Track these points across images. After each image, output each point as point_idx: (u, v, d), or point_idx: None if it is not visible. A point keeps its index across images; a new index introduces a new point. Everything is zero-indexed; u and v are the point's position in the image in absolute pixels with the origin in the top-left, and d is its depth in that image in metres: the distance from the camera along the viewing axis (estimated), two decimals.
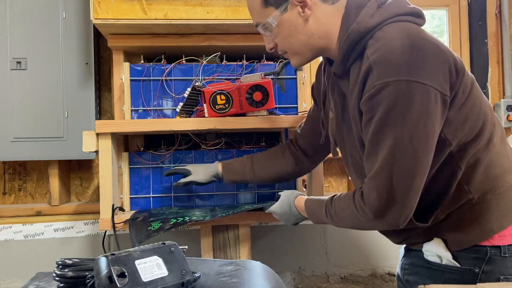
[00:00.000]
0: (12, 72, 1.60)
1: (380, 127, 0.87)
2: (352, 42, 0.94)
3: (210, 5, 1.40)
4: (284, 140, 1.61)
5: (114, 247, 1.69)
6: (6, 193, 1.79)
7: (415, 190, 0.88)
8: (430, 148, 0.88)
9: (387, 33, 0.89)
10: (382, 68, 0.86)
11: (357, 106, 0.93)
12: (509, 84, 1.99)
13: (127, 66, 1.48)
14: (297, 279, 1.82)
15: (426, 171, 0.89)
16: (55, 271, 0.79)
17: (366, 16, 0.93)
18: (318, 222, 1.12)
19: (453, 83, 0.88)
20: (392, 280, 1.84)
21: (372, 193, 0.90)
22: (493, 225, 0.93)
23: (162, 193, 1.49)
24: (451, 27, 2.03)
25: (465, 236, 0.94)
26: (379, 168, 0.89)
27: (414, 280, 1.03)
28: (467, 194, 0.94)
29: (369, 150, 0.91)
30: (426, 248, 0.99)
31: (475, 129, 0.93)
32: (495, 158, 0.96)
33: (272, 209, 1.25)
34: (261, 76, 1.40)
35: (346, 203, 0.99)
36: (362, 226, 0.99)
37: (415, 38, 0.87)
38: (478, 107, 0.94)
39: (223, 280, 0.86)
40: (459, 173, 0.93)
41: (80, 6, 1.62)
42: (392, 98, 0.85)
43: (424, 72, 0.84)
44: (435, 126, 0.87)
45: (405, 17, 0.92)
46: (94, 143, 1.36)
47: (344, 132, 1.07)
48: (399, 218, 0.90)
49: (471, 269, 0.94)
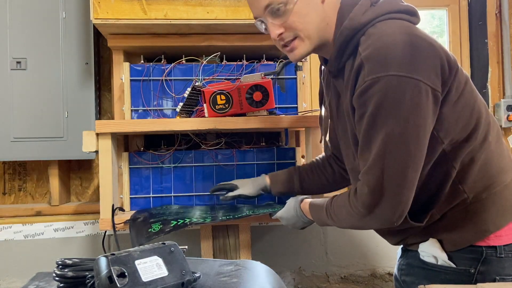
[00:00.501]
0: (12, 72, 1.60)
1: (372, 122, 0.87)
2: (345, 39, 0.94)
3: (210, 5, 1.40)
4: (284, 140, 1.61)
5: (114, 247, 1.69)
6: (6, 193, 1.79)
7: (408, 186, 0.87)
8: (423, 143, 0.87)
9: (379, 30, 0.89)
10: (373, 64, 0.86)
11: (350, 102, 0.93)
12: (509, 84, 1.99)
13: (127, 66, 1.48)
14: (297, 279, 1.82)
15: (419, 166, 0.88)
16: (55, 271, 0.79)
17: (359, 13, 0.93)
18: (323, 224, 1.11)
19: (445, 79, 0.88)
20: (392, 280, 1.84)
21: (364, 188, 0.90)
22: (489, 225, 0.93)
23: (162, 193, 1.49)
24: (451, 27, 2.03)
25: (461, 236, 0.94)
26: (371, 164, 0.88)
27: (410, 281, 1.03)
28: (461, 194, 0.94)
29: (362, 146, 0.91)
30: (421, 248, 0.99)
31: (468, 127, 0.92)
32: (490, 157, 0.95)
33: (279, 214, 1.23)
34: (261, 76, 1.40)
35: (342, 202, 0.99)
36: (358, 224, 0.98)
37: (407, 34, 0.87)
38: (471, 105, 0.93)
39: (223, 280, 0.86)
40: (453, 172, 0.93)
41: (80, 6, 1.62)
42: (383, 93, 0.85)
43: (415, 67, 0.84)
44: (427, 121, 0.87)
45: (398, 15, 0.92)
46: (94, 143, 1.36)
47: (339, 132, 1.07)
48: (392, 215, 0.89)
49: (467, 270, 0.94)
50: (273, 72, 1.47)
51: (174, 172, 1.50)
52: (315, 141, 1.44)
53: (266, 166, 1.53)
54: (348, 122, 0.99)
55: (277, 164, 1.53)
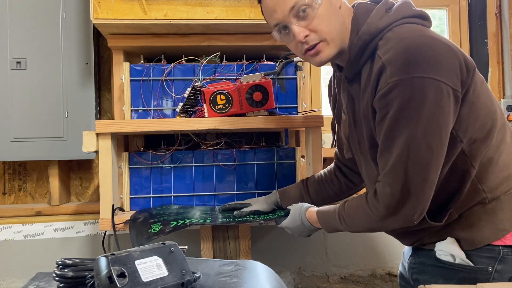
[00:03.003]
0: (12, 72, 1.60)
1: (394, 123, 0.89)
2: (363, 43, 0.96)
3: (210, 5, 1.40)
4: (284, 140, 1.61)
5: (114, 247, 1.69)
6: (6, 193, 1.79)
7: (430, 185, 0.89)
8: (444, 143, 0.89)
9: (397, 34, 0.92)
10: (395, 66, 0.88)
11: (370, 105, 0.95)
12: (509, 84, 1.99)
13: (127, 66, 1.48)
14: (297, 279, 1.82)
15: (439, 165, 0.90)
16: (55, 271, 0.79)
17: (376, 18, 0.96)
18: (332, 230, 1.11)
19: (464, 80, 0.90)
20: (392, 280, 1.84)
21: (386, 189, 0.92)
22: (506, 224, 0.94)
23: (162, 193, 1.49)
24: (451, 27, 2.03)
25: (478, 235, 0.95)
26: (393, 164, 0.90)
27: (424, 279, 1.03)
28: (481, 193, 0.95)
29: (383, 147, 0.93)
30: (439, 247, 0.99)
31: (486, 127, 0.94)
32: (508, 158, 0.97)
33: (284, 224, 1.23)
34: (261, 76, 1.40)
35: (358, 203, 1.00)
36: (375, 226, 0.99)
37: (425, 37, 0.90)
38: (488, 106, 0.95)
39: (223, 280, 0.86)
40: (473, 172, 0.94)
41: (80, 6, 1.62)
42: (406, 94, 0.87)
43: (436, 68, 0.86)
44: (448, 121, 0.89)
45: (413, 19, 0.95)
46: (94, 143, 1.36)
47: (355, 136, 1.08)
48: (413, 214, 0.91)
49: (485, 268, 0.94)
50: (273, 72, 1.47)
51: (174, 172, 1.50)
52: (315, 141, 1.44)
53: (266, 166, 1.53)
54: (364, 126, 1.00)
55: (277, 164, 1.54)
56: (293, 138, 1.69)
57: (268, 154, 1.54)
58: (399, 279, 1.17)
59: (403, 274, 1.14)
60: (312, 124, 1.43)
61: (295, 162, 1.54)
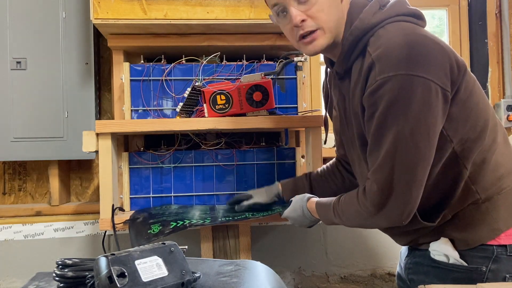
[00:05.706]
0: (12, 72, 1.60)
1: (382, 121, 0.89)
2: (355, 39, 0.95)
3: (210, 5, 1.40)
4: (284, 140, 1.61)
5: (114, 247, 1.69)
6: (6, 193, 1.79)
7: (417, 184, 0.89)
8: (432, 142, 0.89)
9: (388, 31, 0.91)
10: (384, 63, 0.87)
11: (360, 102, 0.94)
12: (509, 84, 1.99)
13: (127, 66, 1.48)
14: (297, 279, 1.82)
15: (428, 165, 0.89)
16: (55, 271, 0.79)
17: (369, 14, 0.95)
18: (329, 223, 1.11)
19: (454, 79, 0.89)
20: (392, 280, 1.84)
21: (373, 187, 0.91)
22: (500, 224, 0.94)
23: (162, 193, 1.49)
24: (451, 27, 2.03)
25: (472, 235, 0.95)
26: (381, 162, 0.89)
27: (419, 279, 1.03)
28: (474, 194, 0.95)
29: (372, 145, 0.92)
30: (433, 247, 0.99)
31: (477, 127, 0.94)
32: (500, 158, 0.96)
33: (286, 213, 1.23)
34: (261, 76, 1.40)
35: (350, 200, 1.00)
36: (366, 223, 0.99)
37: (417, 35, 0.89)
38: (480, 106, 0.95)
39: (223, 280, 0.86)
40: (465, 173, 0.94)
41: (80, 6, 1.62)
42: (394, 92, 0.86)
43: (425, 67, 0.86)
44: (437, 120, 0.88)
45: (407, 18, 0.94)
46: (94, 143, 1.36)
47: (347, 133, 1.08)
48: (401, 213, 0.90)
49: (478, 268, 0.94)
50: (273, 72, 1.46)
51: (174, 172, 1.50)
52: (315, 141, 1.44)
53: (266, 166, 1.53)
54: (354, 123, 0.99)
55: (277, 164, 1.54)
56: (293, 138, 1.69)
57: (268, 154, 1.54)
58: (397, 280, 1.17)
59: (400, 275, 1.14)
60: (312, 124, 1.43)
61: (295, 162, 1.54)
